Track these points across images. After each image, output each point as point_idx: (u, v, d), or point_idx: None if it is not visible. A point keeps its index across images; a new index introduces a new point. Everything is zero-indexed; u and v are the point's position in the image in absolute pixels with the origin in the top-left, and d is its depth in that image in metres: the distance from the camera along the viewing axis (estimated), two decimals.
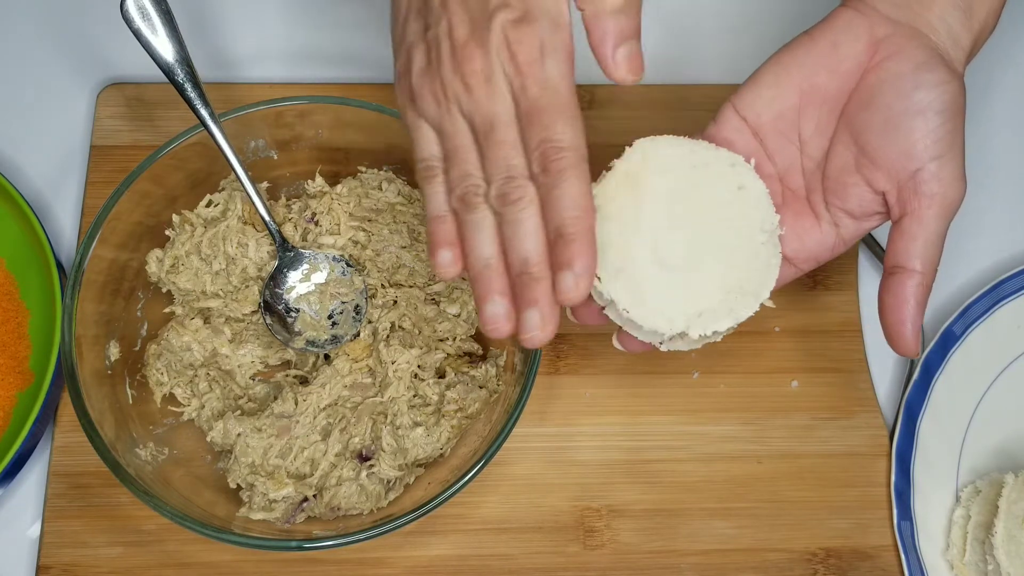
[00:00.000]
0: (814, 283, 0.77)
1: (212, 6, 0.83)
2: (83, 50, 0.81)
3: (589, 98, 0.81)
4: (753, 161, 0.59)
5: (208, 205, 0.72)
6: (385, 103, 0.69)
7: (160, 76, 0.65)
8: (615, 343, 0.61)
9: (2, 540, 0.68)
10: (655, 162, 0.58)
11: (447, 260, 0.53)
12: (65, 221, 0.76)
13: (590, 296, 0.57)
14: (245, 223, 0.70)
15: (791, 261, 0.61)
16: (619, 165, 0.58)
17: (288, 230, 0.71)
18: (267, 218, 0.68)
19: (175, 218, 0.71)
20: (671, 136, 0.59)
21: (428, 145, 0.53)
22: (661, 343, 0.58)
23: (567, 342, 0.74)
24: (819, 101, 0.60)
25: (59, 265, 0.71)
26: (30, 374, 0.70)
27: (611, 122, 0.80)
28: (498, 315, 0.52)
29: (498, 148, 0.51)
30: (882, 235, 0.79)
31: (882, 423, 0.73)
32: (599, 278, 0.55)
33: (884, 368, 0.76)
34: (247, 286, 0.70)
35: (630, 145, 0.58)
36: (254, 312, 0.70)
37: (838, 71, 0.59)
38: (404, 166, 0.73)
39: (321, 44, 0.82)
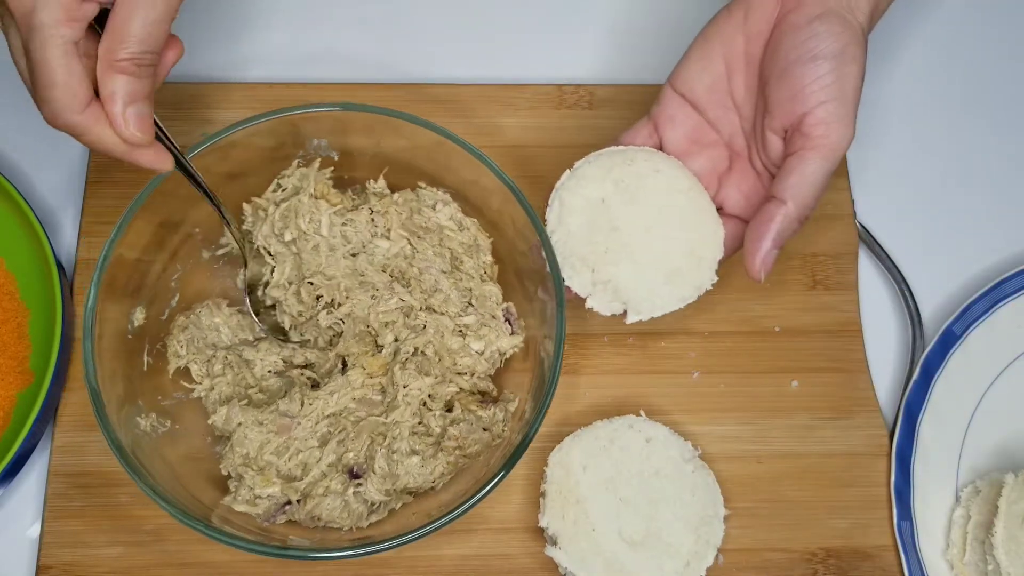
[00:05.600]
0: (814, 283, 0.77)
1: (212, 6, 0.83)
2: None
3: (589, 98, 0.81)
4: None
5: (275, 190, 0.71)
6: (384, 103, 0.69)
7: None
8: None
9: (2, 540, 0.68)
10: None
11: None
12: (65, 221, 0.76)
13: None
14: (317, 198, 0.70)
15: (740, 218, 0.67)
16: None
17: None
18: (235, 234, 0.67)
19: (246, 207, 0.71)
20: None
21: None
22: None
23: (566, 342, 0.74)
24: (743, 65, 0.65)
25: (59, 265, 0.71)
26: (30, 374, 0.70)
27: (611, 121, 0.80)
28: None
29: None
30: (883, 235, 0.79)
31: (882, 423, 0.73)
32: None
33: (884, 368, 0.76)
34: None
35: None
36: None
37: (752, 33, 0.64)
38: (458, 193, 0.71)
39: (322, 44, 0.82)
